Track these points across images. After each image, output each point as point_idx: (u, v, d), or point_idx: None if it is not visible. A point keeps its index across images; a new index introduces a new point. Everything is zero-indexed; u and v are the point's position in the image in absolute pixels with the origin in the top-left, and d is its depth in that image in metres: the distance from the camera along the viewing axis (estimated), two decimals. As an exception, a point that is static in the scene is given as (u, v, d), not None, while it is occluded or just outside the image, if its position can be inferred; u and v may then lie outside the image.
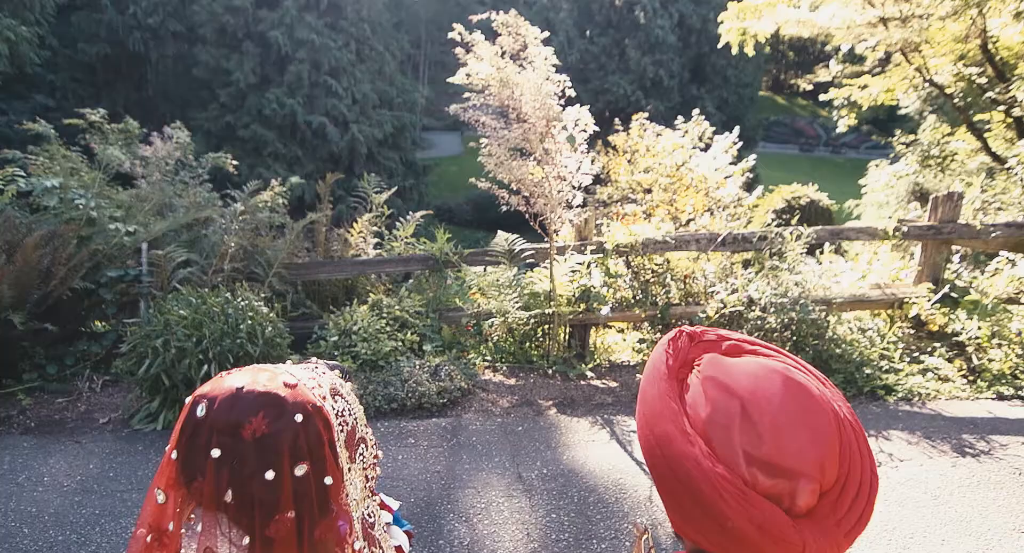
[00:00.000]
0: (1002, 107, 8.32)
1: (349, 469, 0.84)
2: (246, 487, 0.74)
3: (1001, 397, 4.58)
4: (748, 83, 38.24)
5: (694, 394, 0.72)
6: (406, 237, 6.27)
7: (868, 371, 4.74)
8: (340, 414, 0.84)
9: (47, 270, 4.58)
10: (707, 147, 7.26)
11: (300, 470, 0.76)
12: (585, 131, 4.50)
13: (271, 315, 4.55)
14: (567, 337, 5.39)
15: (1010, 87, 7.99)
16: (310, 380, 0.83)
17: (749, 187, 7.58)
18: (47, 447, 3.87)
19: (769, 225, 5.59)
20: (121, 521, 3.14)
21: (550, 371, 5.04)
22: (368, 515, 0.91)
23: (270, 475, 0.74)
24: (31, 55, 14.93)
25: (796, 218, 8.06)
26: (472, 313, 5.35)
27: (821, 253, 6.20)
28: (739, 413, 0.67)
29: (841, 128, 10.84)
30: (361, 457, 0.88)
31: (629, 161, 7.73)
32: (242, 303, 4.35)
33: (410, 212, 6.55)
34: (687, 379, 0.75)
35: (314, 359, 0.94)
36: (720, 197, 6.95)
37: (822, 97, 10.94)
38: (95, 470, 3.61)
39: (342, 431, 0.83)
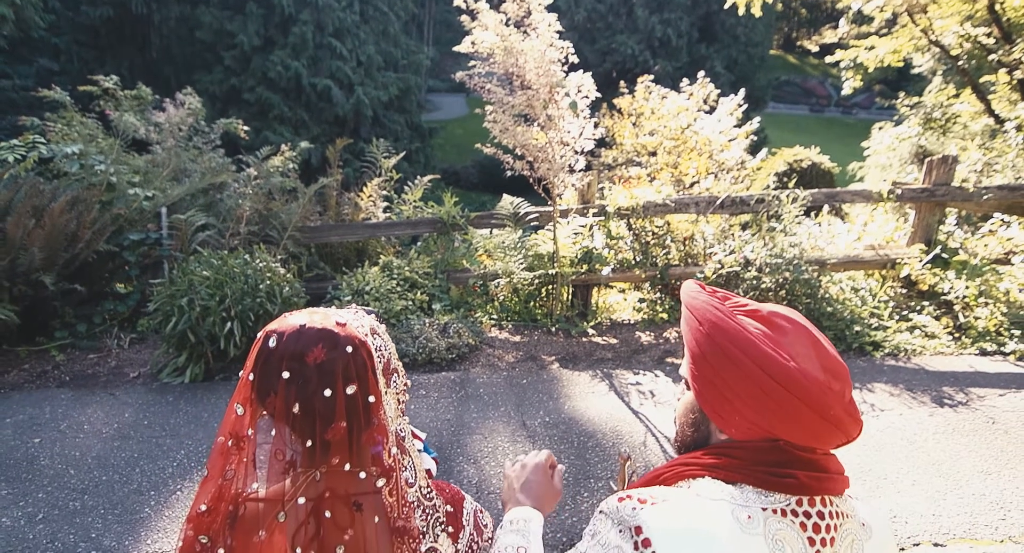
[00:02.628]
0: (1006, 69, 8.32)
1: (385, 392, 1.06)
2: (310, 401, 0.96)
3: (984, 353, 4.79)
4: (758, 42, 37.38)
5: (759, 326, 0.92)
6: (414, 201, 6.45)
7: (857, 328, 4.95)
8: (378, 349, 1.05)
9: (73, 234, 4.80)
10: (712, 110, 7.31)
11: (350, 389, 0.97)
12: (588, 97, 4.61)
13: (288, 276, 4.78)
14: (570, 297, 5.60)
15: (1014, 49, 7.98)
16: (354, 320, 1.04)
17: (755, 149, 7.65)
18: (83, 399, 4.15)
19: (768, 188, 5.72)
20: (158, 462, 3.43)
21: (553, 329, 5.28)
22: (400, 430, 1.13)
23: (327, 392, 0.96)
24: (36, 19, 14.88)
25: (795, 181, 8.18)
26: (479, 274, 5.57)
27: (817, 215, 6.34)
28: (809, 336, 0.91)
29: (846, 90, 10.82)
30: (394, 384, 1.10)
31: (634, 124, 7.80)
32: (260, 264, 4.57)
33: (417, 176, 6.72)
34: None
35: (353, 305, 1.15)
36: (724, 160, 7.04)
37: (828, 58, 10.89)
38: (130, 418, 3.89)
39: (380, 362, 1.05)
